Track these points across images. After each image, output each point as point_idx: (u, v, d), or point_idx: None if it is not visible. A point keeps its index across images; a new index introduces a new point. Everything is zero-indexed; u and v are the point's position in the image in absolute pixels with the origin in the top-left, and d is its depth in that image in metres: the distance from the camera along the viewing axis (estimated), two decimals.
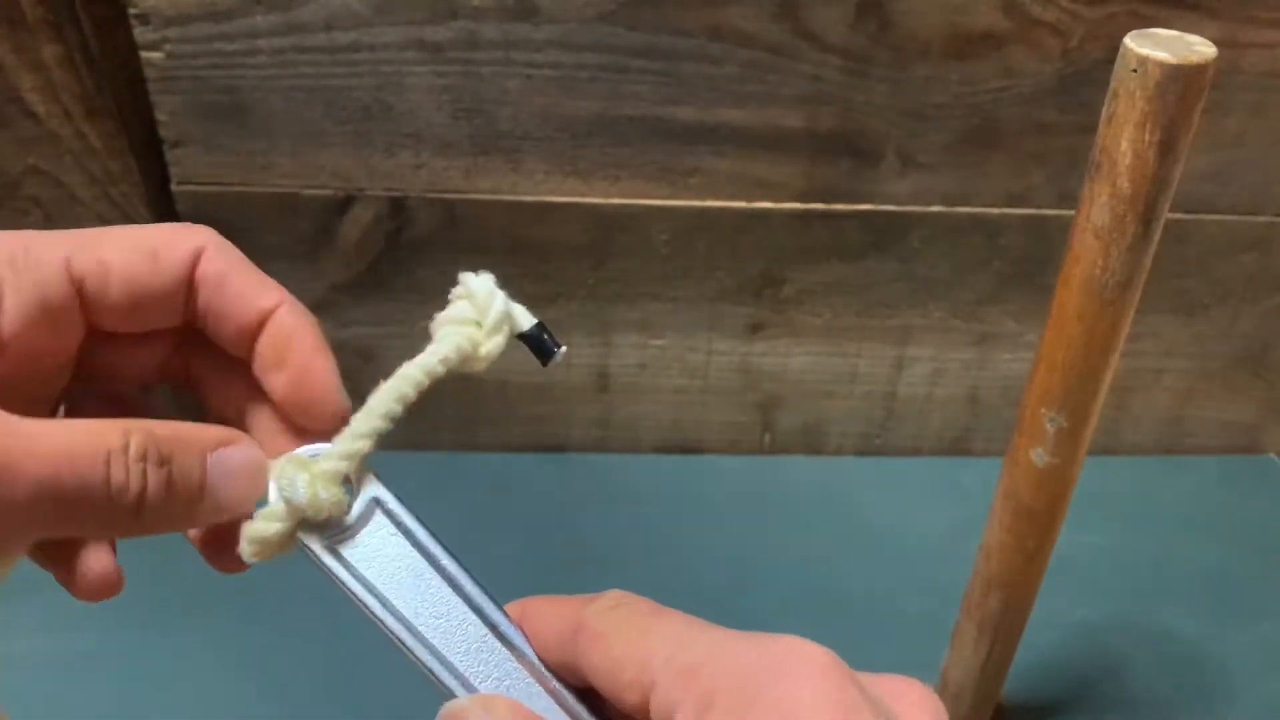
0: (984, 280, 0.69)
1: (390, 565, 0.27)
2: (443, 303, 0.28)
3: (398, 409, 0.27)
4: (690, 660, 0.24)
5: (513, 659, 0.27)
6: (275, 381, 0.27)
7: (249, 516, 0.27)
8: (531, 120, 0.61)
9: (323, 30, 0.57)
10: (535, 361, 0.28)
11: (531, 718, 0.26)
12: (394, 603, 0.26)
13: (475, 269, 0.28)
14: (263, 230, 0.63)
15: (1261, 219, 0.67)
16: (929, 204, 0.65)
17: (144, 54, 0.57)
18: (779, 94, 0.61)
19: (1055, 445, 0.42)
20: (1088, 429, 0.41)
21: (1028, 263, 0.68)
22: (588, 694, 0.26)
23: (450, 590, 0.27)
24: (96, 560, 0.27)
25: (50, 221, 0.62)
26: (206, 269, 0.27)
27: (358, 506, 0.27)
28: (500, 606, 0.27)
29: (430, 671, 0.26)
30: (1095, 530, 0.67)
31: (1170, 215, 0.37)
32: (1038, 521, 0.44)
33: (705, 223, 0.65)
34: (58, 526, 0.23)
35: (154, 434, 0.24)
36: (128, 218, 0.62)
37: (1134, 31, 0.34)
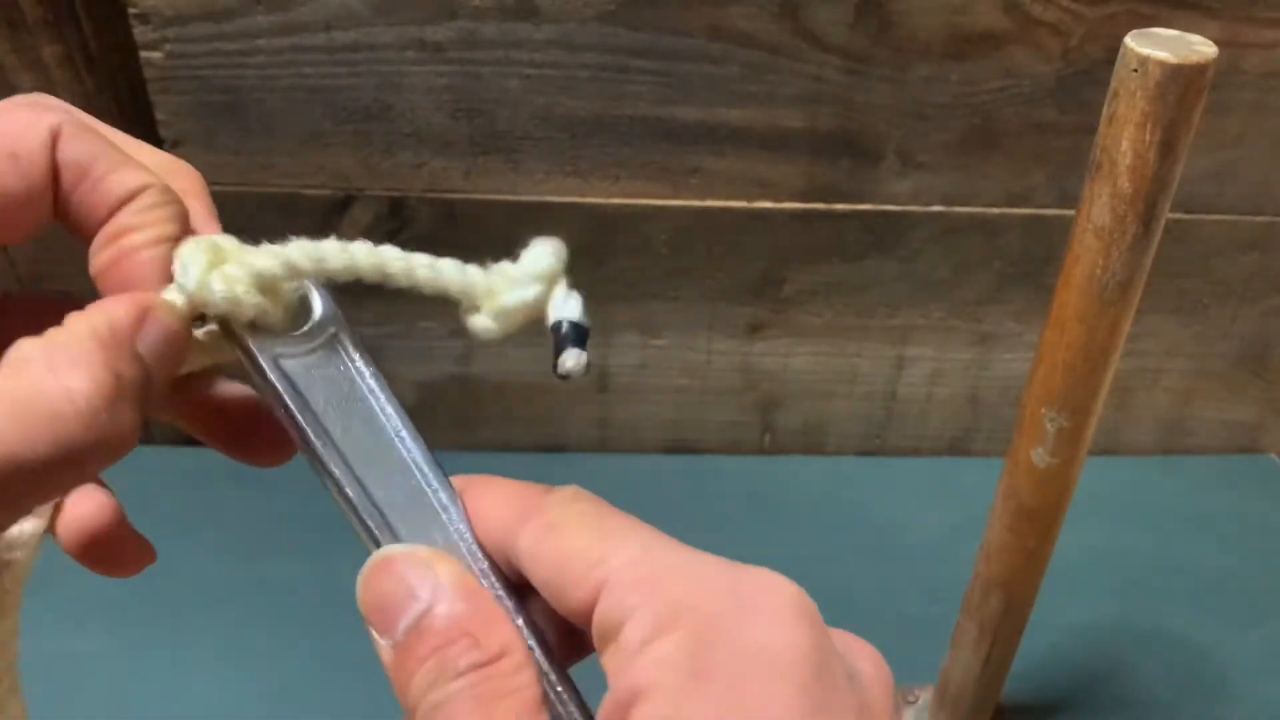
0: (984, 280, 0.68)
1: (335, 397, 0.25)
2: (443, 303, 0.28)
3: (354, 260, 0.24)
4: (653, 569, 0.22)
5: (446, 525, 0.25)
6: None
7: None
8: (531, 120, 0.60)
9: (322, 30, 0.57)
10: (535, 361, 0.27)
11: (476, 585, 0.23)
12: (333, 434, 0.25)
13: None
14: (262, 230, 0.62)
15: (1262, 219, 0.67)
16: (929, 204, 0.65)
17: (144, 54, 0.57)
18: (779, 94, 0.61)
19: (1055, 445, 0.42)
20: (1088, 429, 0.41)
21: (1028, 263, 0.68)
22: (516, 587, 0.25)
23: (395, 441, 0.25)
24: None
25: None
26: (63, 157, 0.24)
27: (311, 328, 0.25)
28: (444, 473, 0.25)
29: (357, 514, 0.25)
30: (1096, 530, 0.67)
31: (1171, 215, 0.37)
32: (1038, 521, 0.44)
33: (705, 223, 0.65)
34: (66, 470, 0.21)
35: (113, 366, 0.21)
36: None
37: (1134, 31, 0.34)
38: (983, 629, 0.49)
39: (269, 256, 0.24)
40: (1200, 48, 0.33)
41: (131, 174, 0.24)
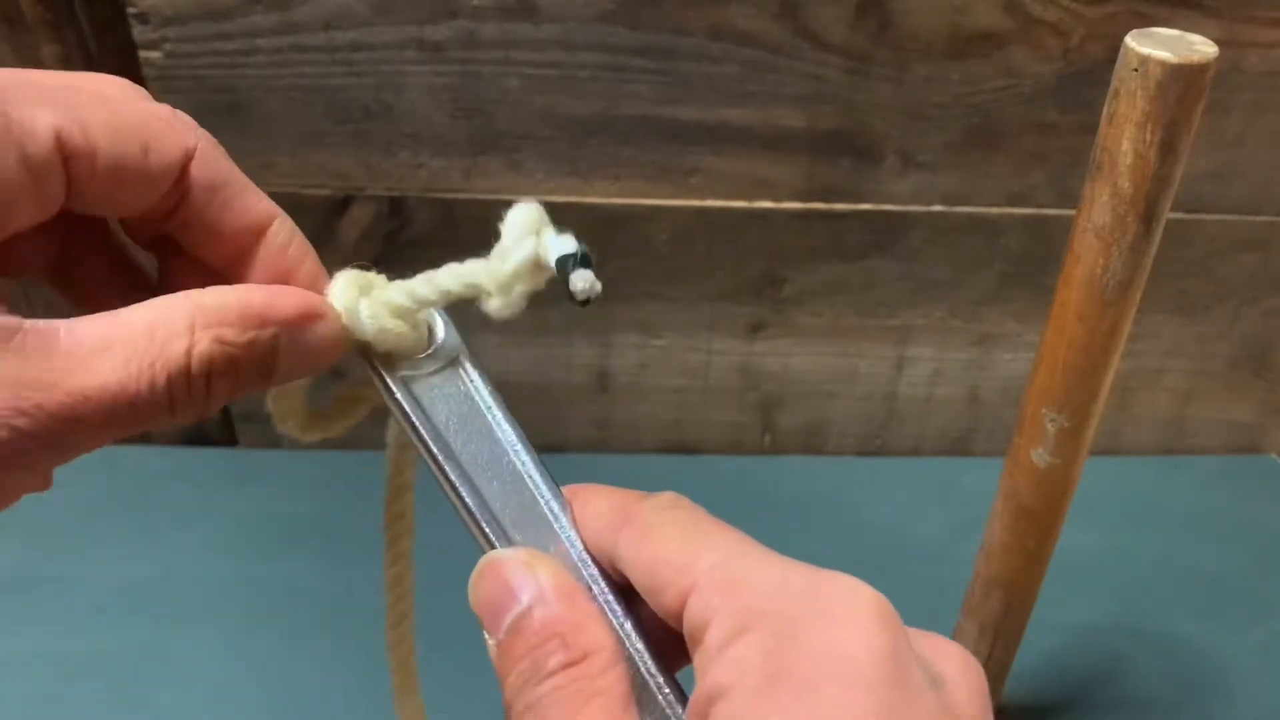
0: (984, 280, 0.68)
1: (456, 414, 0.27)
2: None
3: (455, 288, 0.26)
4: (736, 572, 0.23)
5: (557, 533, 0.27)
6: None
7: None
8: (531, 120, 0.60)
9: (322, 30, 0.57)
10: (535, 361, 0.28)
11: (574, 587, 0.25)
12: (454, 448, 0.27)
13: None
14: None
15: (1262, 219, 0.67)
16: (929, 204, 0.65)
17: (143, 53, 0.57)
18: (779, 93, 0.61)
19: (1056, 445, 0.42)
20: (1089, 429, 0.41)
21: (1028, 263, 0.68)
22: (622, 589, 0.26)
23: (510, 454, 0.27)
24: None
25: None
26: (198, 173, 0.25)
27: (435, 351, 0.27)
28: (554, 483, 0.27)
29: (476, 522, 0.26)
30: (1096, 530, 0.67)
31: (1171, 215, 0.36)
32: (1038, 522, 0.44)
33: (705, 223, 0.65)
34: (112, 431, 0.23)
35: (222, 339, 0.23)
36: None
37: (1135, 31, 0.34)
38: (983, 629, 0.49)
39: (402, 290, 0.26)
40: (1201, 47, 0.33)
41: (259, 202, 0.26)
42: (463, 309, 0.27)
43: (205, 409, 0.23)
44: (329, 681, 0.56)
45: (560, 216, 0.26)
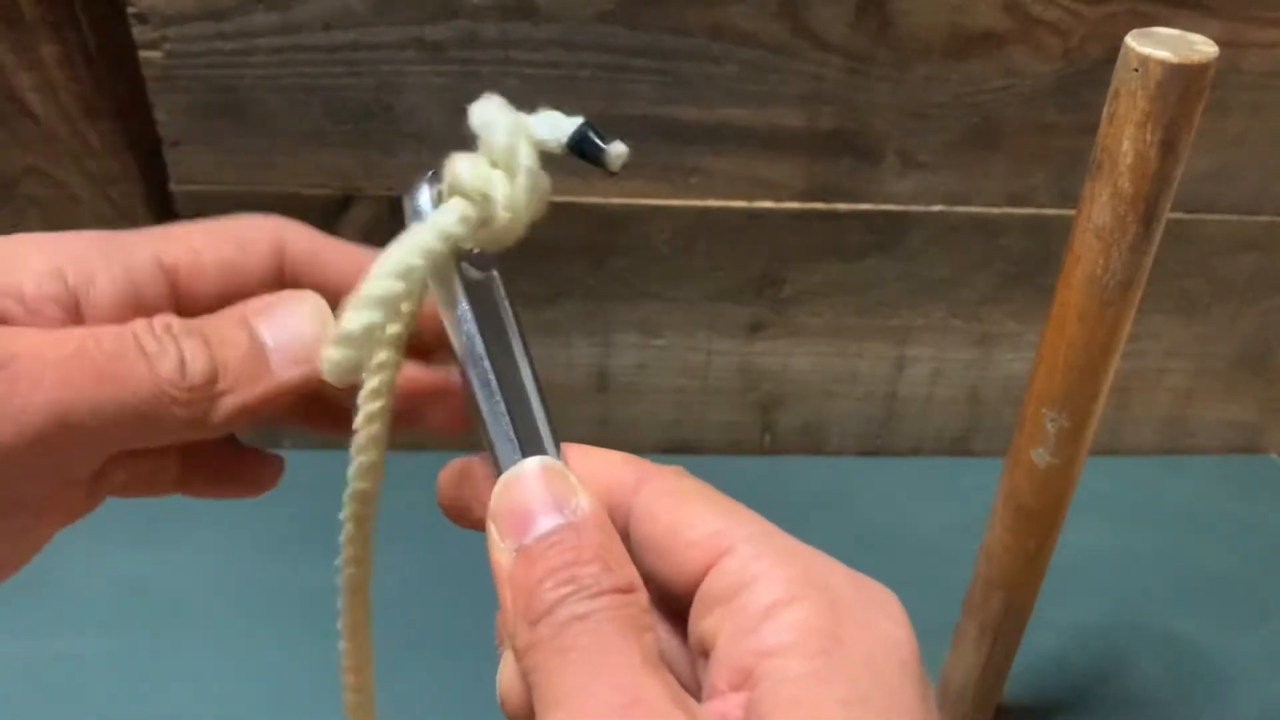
0: (985, 280, 0.68)
1: (492, 324, 0.26)
2: None
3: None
4: (780, 544, 0.23)
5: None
6: None
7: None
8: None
9: (322, 29, 0.57)
10: (535, 361, 0.27)
11: (610, 525, 0.24)
12: (489, 354, 0.25)
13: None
14: None
15: (1263, 219, 0.67)
16: (930, 204, 0.65)
17: (143, 53, 0.57)
18: (779, 93, 0.61)
19: (1056, 445, 0.41)
20: (1089, 429, 0.41)
21: (1028, 263, 0.68)
22: None
23: (526, 389, 0.26)
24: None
25: (48, 222, 0.62)
26: (293, 248, 0.27)
27: (481, 255, 0.26)
28: (556, 433, 0.26)
29: (505, 432, 0.25)
30: (1096, 531, 0.67)
31: (1171, 215, 0.36)
32: (1039, 522, 0.44)
33: (705, 222, 0.65)
34: (111, 419, 0.22)
35: (175, 316, 0.24)
36: (126, 217, 0.62)
37: (1135, 30, 0.34)
38: (983, 629, 0.49)
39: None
40: (1201, 47, 0.33)
41: (352, 253, 0.27)
42: None
43: (184, 372, 0.23)
44: (329, 681, 0.56)
45: (560, 216, 0.26)
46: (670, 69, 0.59)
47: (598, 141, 0.24)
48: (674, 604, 0.25)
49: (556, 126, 0.25)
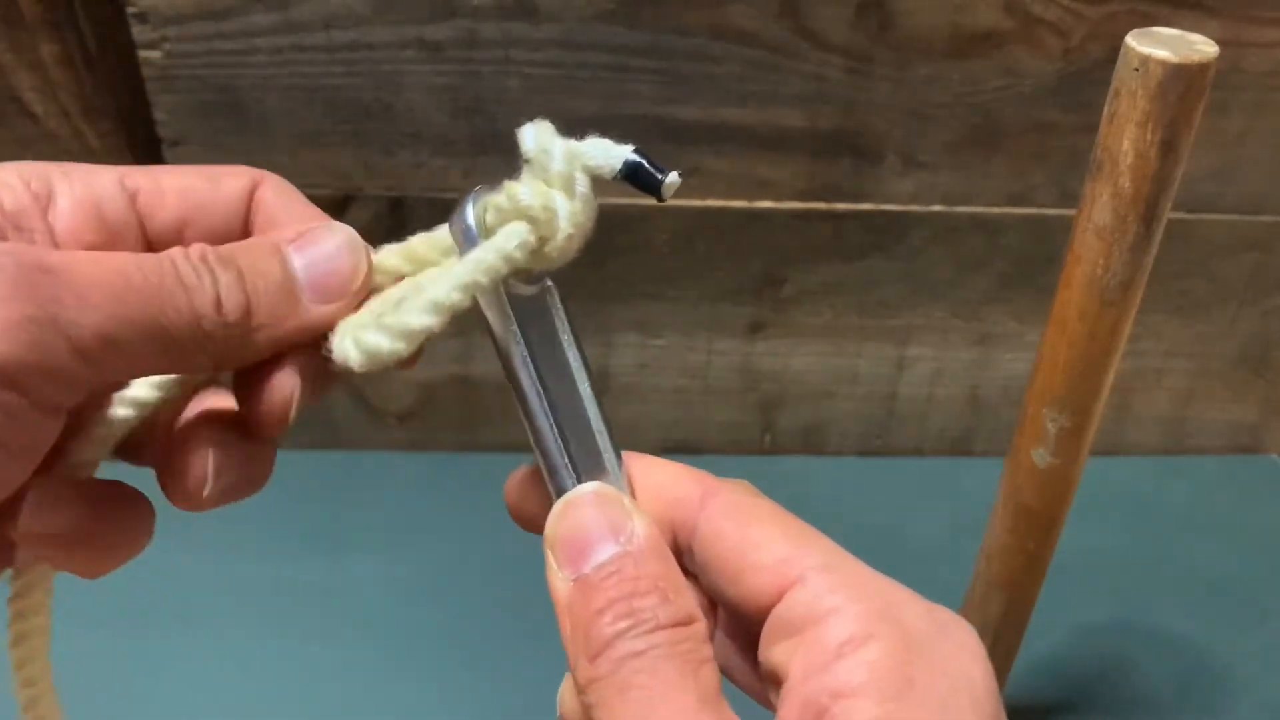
0: (985, 280, 0.68)
1: (543, 344, 0.26)
2: None
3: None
4: (853, 576, 0.23)
5: (619, 487, 0.25)
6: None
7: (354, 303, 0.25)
8: (531, 120, 0.60)
9: (321, 29, 0.57)
10: None
11: (668, 551, 0.23)
12: (543, 374, 0.25)
13: None
14: None
15: (1263, 219, 0.67)
16: (930, 203, 0.65)
17: (142, 53, 0.57)
18: (780, 93, 0.60)
19: (1057, 446, 0.41)
20: (1089, 429, 0.41)
21: (1029, 262, 0.68)
22: None
23: (583, 399, 0.26)
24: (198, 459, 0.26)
25: None
26: (265, 195, 0.26)
27: (534, 278, 0.26)
28: (615, 442, 0.26)
29: (553, 449, 0.25)
30: (1097, 531, 0.67)
31: (1172, 215, 0.36)
32: (1039, 522, 0.44)
33: (705, 223, 0.65)
34: (151, 340, 0.22)
35: (210, 246, 0.23)
36: None
37: (1135, 30, 0.34)
38: (984, 630, 0.49)
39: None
40: (1201, 47, 0.33)
41: (326, 223, 0.26)
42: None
43: (220, 304, 0.22)
44: (329, 681, 0.56)
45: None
46: (670, 69, 0.59)
47: (654, 172, 0.25)
48: (743, 622, 0.24)
49: (609, 153, 0.25)
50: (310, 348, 0.24)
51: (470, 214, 0.25)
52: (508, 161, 0.25)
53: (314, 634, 0.59)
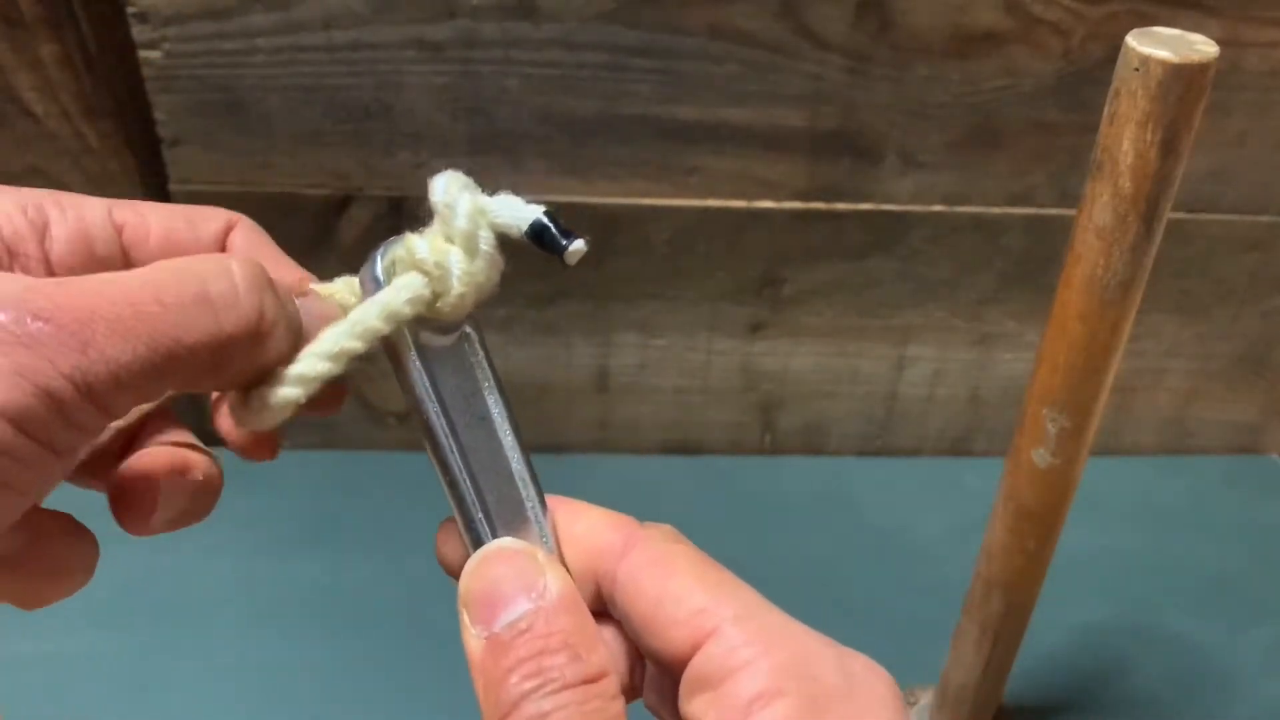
0: (985, 280, 0.68)
1: (461, 393, 0.25)
2: None
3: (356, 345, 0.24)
4: (766, 627, 0.22)
5: (540, 543, 0.25)
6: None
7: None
8: (531, 120, 0.60)
9: (321, 29, 0.57)
10: (535, 361, 0.27)
11: (580, 605, 0.23)
12: (457, 428, 0.25)
13: None
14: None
15: (1264, 219, 0.67)
16: (930, 203, 0.65)
17: (142, 53, 0.57)
18: (780, 93, 0.60)
19: (1057, 446, 0.41)
20: (1089, 429, 0.41)
21: (1029, 262, 0.68)
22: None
23: (504, 448, 0.25)
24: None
25: None
26: (238, 239, 0.27)
27: (449, 327, 0.25)
28: (540, 489, 0.26)
29: (467, 509, 0.25)
30: (1097, 531, 0.67)
31: (1172, 215, 0.36)
32: (1039, 522, 0.44)
33: (705, 222, 0.65)
34: (162, 376, 0.21)
35: (255, 263, 0.23)
36: None
37: (1135, 30, 0.34)
38: (984, 629, 0.49)
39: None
40: (1202, 47, 0.33)
41: (295, 271, 0.27)
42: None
43: (261, 323, 0.22)
44: (329, 681, 0.56)
45: (560, 216, 0.25)
46: (670, 69, 0.59)
47: (557, 236, 0.24)
48: (666, 673, 0.24)
49: (517, 213, 0.24)
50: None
51: (379, 264, 0.25)
52: (508, 161, 0.25)
53: (314, 634, 0.59)
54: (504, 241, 0.25)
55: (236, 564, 0.62)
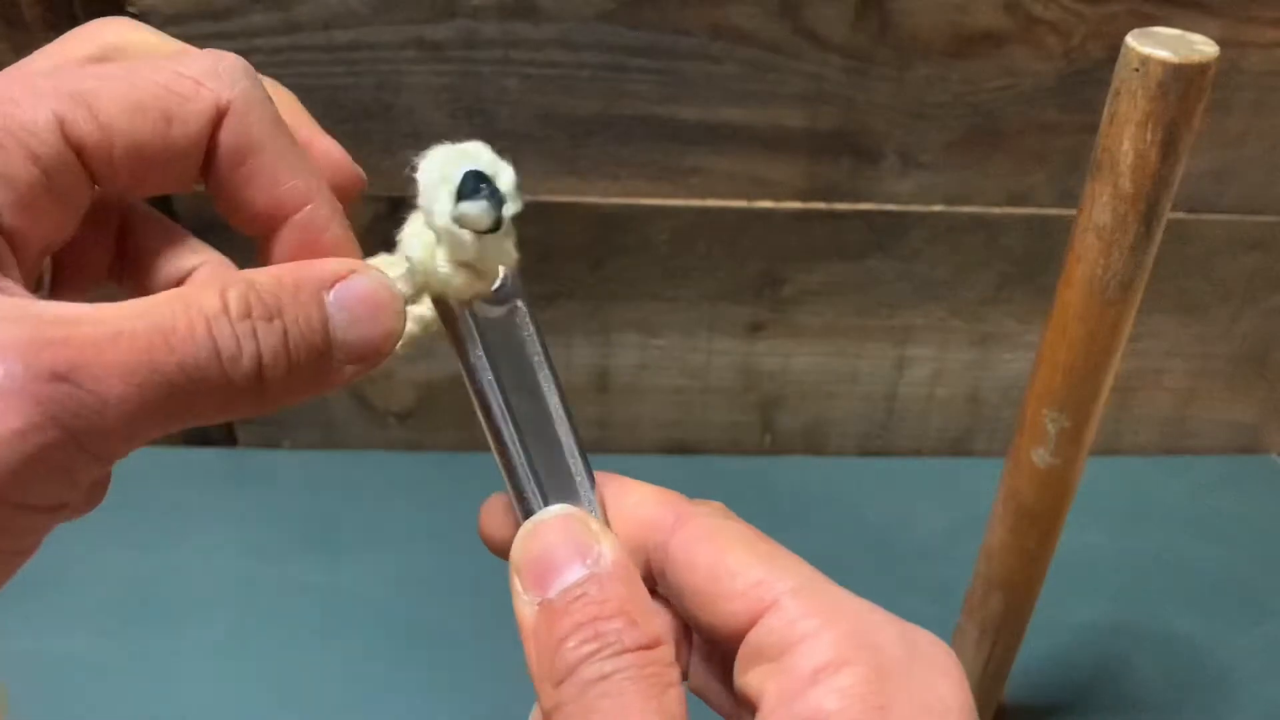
0: (985, 280, 0.68)
1: (512, 366, 0.25)
2: None
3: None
4: (827, 600, 0.22)
5: (589, 508, 0.25)
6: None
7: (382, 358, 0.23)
8: (531, 119, 0.60)
9: (321, 29, 0.57)
10: None
11: (635, 573, 0.23)
12: (510, 399, 0.25)
13: None
14: None
15: (1263, 219, 0.67)
16: (930, 203, 0.65)
17: None
18: (780, 93, 0.60)
19: (1057, 445, 0.41)
20: (1089, 429, 0.41)
21: (1029, 262, 0.68)
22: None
23: (555, 420, 0.25)
24: None
25: None
26: (226, 139, 0.22)
27: (497, 291, 0.25)
28: (588, 464, 0.25)
29: (520, 476, 0.25)
30: (1097, 531, 0.67)
31: (1172, 215, 0.36)
32: (1039, 522, 0.44)
33: (705, 222, 0.65)
34: (171, 419, 0.20)
35: (254, 285, 0.20)
36: None
37: (1135, 30, 0.34)
38: (984, 629, 0.49)
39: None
40: (1202, 47, 0.33)
41: (292, 178, 0.23)
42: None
43: (259, 372, 0.20)
44: (329, 681, 0.56)
45: (560, 216, 0.25)
46: (670, 69, 0.59)
47: (480, 191, 0.23)
48: (718, 647, 0.24)
49: (481, 211, 0.23)
50: None
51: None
52: (508, 161, 0.25)
53: (314, 634, 0.59)
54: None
55: (236, 564, 0.62)
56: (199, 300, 0.20)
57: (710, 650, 0.25)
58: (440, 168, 0.23)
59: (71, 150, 0.21)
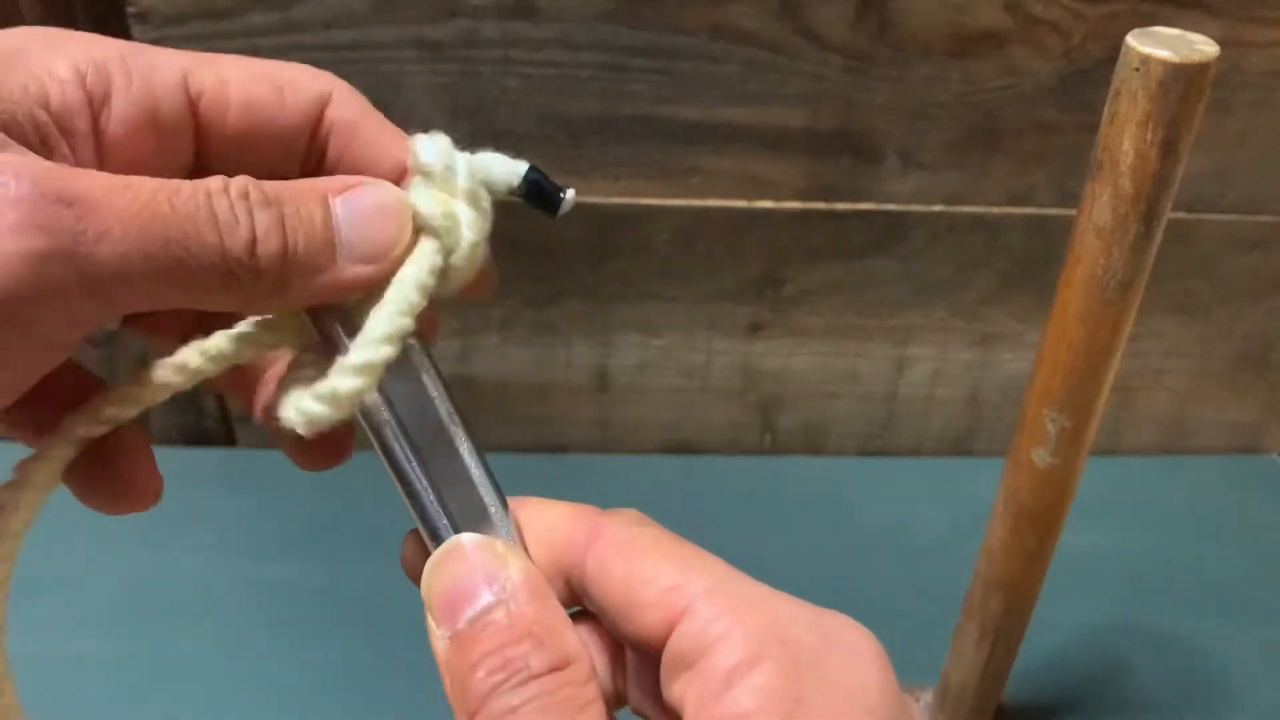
0: (985, 280, 0.68)
1: (412, 403, 0.25)
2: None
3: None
4: (739, 597, 0.22)
5: (504, 538, 0.25)
6: None
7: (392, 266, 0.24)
8: (531, 119, 0.60)
9: (321, 29, 0.57)
10: (535, 361, 0.27)
11: (546, 592, 0.23)
12: (412, 436, 0.25)
13: None
14: None
15: (1264, 219, 0.67)
16: (930, 203, 0.65)
17: None
18: (780, 93, 0.60)
19: (1057, 446, 0.41)
20: (1090, 429, 0.41)
21: (1029, 262, 0.68)
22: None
23: (459, 452, 0.25)
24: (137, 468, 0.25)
25: None
26: (336, 115, 0.24)
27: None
28: (499, 489, 0.25)
29: (428, 515, 0.25)
30: (1097, 531, 0.67)
31: (1172, 215, 0.36)
32: (1039, 522, 0.44)
33: (705, 222, 0.65)
34: (169, 278, 0.20)
35: (259, 183, 0.21)
36: None
37: (1136, 30, 0.34)
38: (984, 629, 0.49)
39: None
40: (1202, 47, 0.33)
41: (396, 152, 0.25)
42: (461, 312, 0.26)
43: (253, 247, 0.21)
44: (329, 681, 0.56)
45: (560, 216, 0.26)
46: (670, 69, 0.59)
47: (550, 189, 0.25)
48: (647, 659, 0.24)
49: (508, 170, 0.26)
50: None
51: None
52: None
53: (314, 634, 0.59)
54: (493, 233, 0.25)
55: (236, 564, 0.62)
56: (204, 180, 0.21)
57: (642, 664, 0.25)
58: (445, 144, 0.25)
59: (189, 100, 0.23)
